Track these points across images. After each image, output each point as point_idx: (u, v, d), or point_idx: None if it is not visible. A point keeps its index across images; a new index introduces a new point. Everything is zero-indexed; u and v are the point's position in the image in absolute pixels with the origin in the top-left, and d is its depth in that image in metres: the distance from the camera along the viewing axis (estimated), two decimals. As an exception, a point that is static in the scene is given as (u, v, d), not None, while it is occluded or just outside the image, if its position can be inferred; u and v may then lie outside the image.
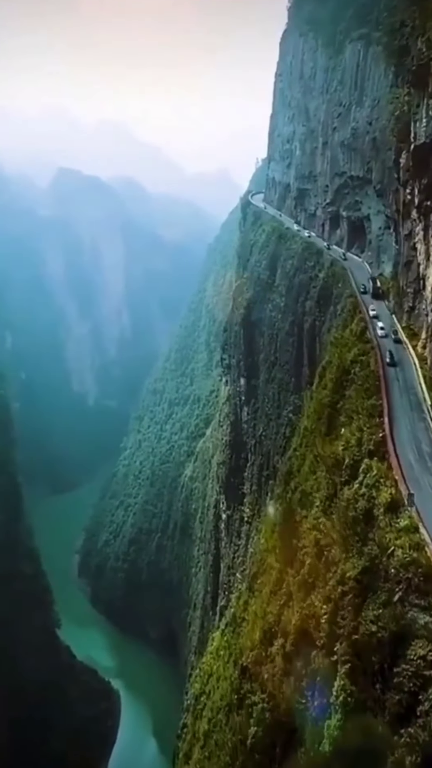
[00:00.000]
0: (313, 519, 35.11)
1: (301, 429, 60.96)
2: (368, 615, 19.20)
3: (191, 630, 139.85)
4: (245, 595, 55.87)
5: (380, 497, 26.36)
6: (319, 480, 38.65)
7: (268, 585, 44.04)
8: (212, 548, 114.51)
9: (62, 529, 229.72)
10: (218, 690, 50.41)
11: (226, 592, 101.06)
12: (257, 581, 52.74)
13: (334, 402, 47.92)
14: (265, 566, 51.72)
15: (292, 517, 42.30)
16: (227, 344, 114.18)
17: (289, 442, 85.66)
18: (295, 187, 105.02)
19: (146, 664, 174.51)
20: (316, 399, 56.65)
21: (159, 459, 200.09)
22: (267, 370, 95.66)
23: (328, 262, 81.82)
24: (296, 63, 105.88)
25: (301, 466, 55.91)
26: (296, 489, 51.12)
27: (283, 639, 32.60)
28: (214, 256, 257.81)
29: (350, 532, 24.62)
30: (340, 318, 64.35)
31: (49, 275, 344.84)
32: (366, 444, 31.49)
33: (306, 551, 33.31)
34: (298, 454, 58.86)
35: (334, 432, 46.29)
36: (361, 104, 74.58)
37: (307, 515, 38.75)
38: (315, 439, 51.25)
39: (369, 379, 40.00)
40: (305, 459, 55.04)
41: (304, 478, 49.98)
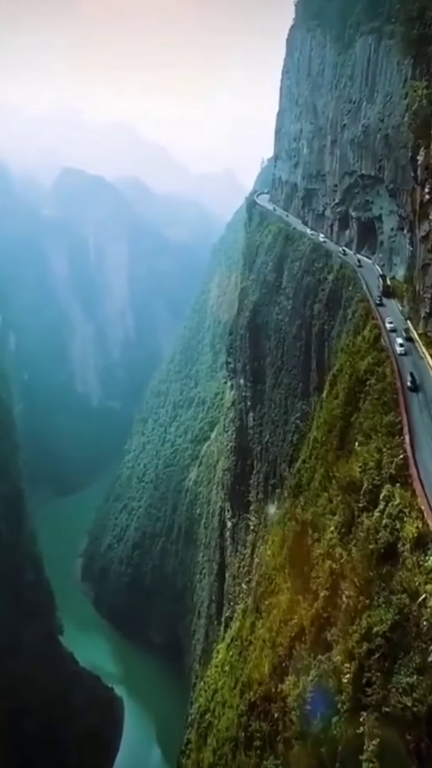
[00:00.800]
0: (327, 545, 32.46)
1: (311, 440, 58.28)
2: (400, 682, 16.65)
3: (195, 638, 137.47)
4: (252, 615, 53.25)
5: (405, 531, 23.72)
6: (333, 501, 35.99)
7: (277, 610, 41.43)
8: (217, 556, 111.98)
9: (65, 532, 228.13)
10: (224, 717, 47.85)
11: (231, 602, 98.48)
12: (265, 601, 50.12)
13: (346, 414, 45.27)
14: (274, 586, 49.11)
15: (303, 539, 39.62)
16: (232, 347, 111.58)
17: (297, 450, 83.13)
18: (303, 187, 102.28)
19: (150, 670, 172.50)
20: (327, 409, 53.98)
21: (163, 462, 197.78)
22: (273, 374, 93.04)
23: (337, 264, 79.11)
24: (304, 59, 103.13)
25: (310, 480, 53.27)
26: (306, 506, 48.47)
27: (295, 677, 30.01)
28: (219, 257, 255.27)
29: (374, 573, 21.99)
30: (350, 323, 61.64)
31: (52, 275, 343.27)
32: (386, 467, 28.86)
33: (319, 582, 30.69)
34: (307, 466, 56.21)
35: (348, 446, 43.65)
36: (372, 100, 71.80)
37: (319, 538, 36.09)
38: (327, 453, 48.60)
39: (386, 392, 37.31)
40: (315, 472, 52.40)
41: (314, 495, 47.32)
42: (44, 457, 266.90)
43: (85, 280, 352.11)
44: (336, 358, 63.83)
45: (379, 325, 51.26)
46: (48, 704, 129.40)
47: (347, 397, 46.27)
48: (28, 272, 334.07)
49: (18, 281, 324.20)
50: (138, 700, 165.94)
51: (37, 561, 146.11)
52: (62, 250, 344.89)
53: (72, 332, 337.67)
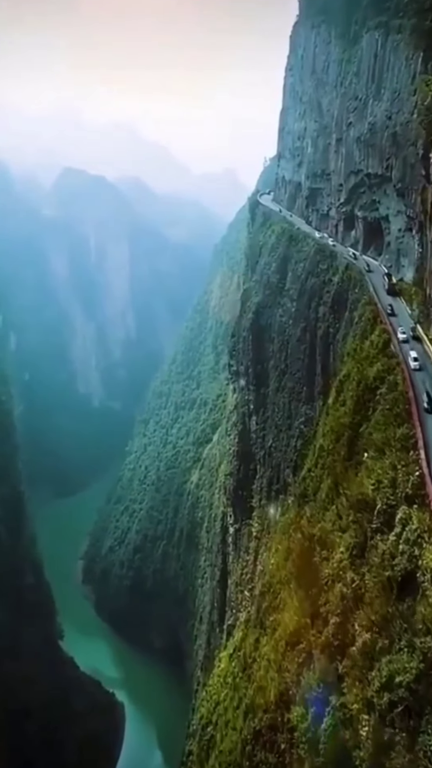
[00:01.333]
0: (337, 566, 30.58)
1: (316, 448, 56.41)
2: (429, 744, 14.80)
3: (197, 643, 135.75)
4: (256, 630, 51.37)
5: (425, 559, 21.86)
6: (343, 518, 34.08)
7: (282, 629, 39.56)
8: (219, 562, 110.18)
9: (67, 533, 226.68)
10: (227, 738, 46.04)
11: (234, 609, 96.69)
12: (269, 617, 48.28)
13: (355, 423, 43.42)
14: (279, 602, 47.24)
15: (310, 556, 37.75)
16: (235, 350, 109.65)
17: (301, 457, 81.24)
18: (307, 186, 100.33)
19: (151, 674, 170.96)
20: (334, 416, 52.14)
21: (165, 464, 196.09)
22: (277, 378, 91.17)
23: (342, 266, 77.20)
24: (308, 56, 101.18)
25: (317, 490, 51.45)
26: (312, 518, 46.59)
27: (303, 709, 28.17)
28: (221, 257, 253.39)
29: (392, 609, 20.14)
30: (358, 327, 59.74)
31: (53, 276, 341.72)
32: (402, 485, 26.98)
33: (329, 607, 28.82)
34: (313, 475, 54.38)
35: (356, 457, 41.80)
36: (379, 97, 69.91)
37: (328, 557, 34.20)
38: (334, 463, 46.74)
39: (398, 402, 35.41)
40: (322, 482, 50.58)
41: (321, 507, 45.46)
42: (45, 458, 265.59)
43: (86, 280, 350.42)
44: (342, 363, 61.96)
45: (389, 330, 49.35)
46: (48, 709, 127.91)
47: (356, 406, 44.40)
48: (29, 272, 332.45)
49: (18, 281, 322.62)
50: (139, 704, 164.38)
51: (37, 564, 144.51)
52: (63, 250, 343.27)
53: (73, 332, 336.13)
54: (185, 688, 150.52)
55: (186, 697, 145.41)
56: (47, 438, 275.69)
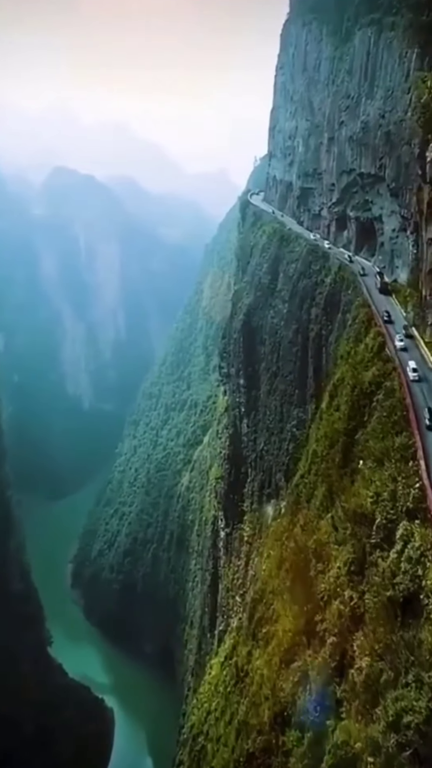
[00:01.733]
0: (334, 582, 29.17)
1: (309, 453, 55.08)
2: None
3: (188, 648, 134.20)
4: (248, 642, 49.93)
5: (429, 579, 20.51)
6: (339, 530, 32.68)
7: (276, 644, 38.15)
8: (210, 566, 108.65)
9: (56, 537, 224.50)
10: (219, 755, 44.56)
11: (225, 615, 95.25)
12: (262, 628, 46.86)
13: (350, 429, 42.11)
14: (272, 613, 45.85)
15: (305, 568, 36.34)
16: (226, 352, 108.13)
17: (294, 460, 79.90)
18: (298, 186, 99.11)
19: (141, 679, 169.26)
20: (327, 421, 50.80)
21: (155, 466, 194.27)
22: (269, 380, 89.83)
23: (335, 267, 75.97)
24: (299, 54, 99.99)
25: (310, 497, 50.13)
26: (306, 527, 45.22)
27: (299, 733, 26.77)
28: (212, 257, 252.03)
29: (396, 638, 18.76)
30: (351, 329, 58.45)
31: (43, 276, 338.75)
32: (402, 499, 25.62)
33: (326, 625, 27.41)
34: (306, 481, 53.05)
35: (352, 465, 40.49)
36: (372, 96, 68.77)
37: (324, 570, 32.81)
38: (329, 470, 45.40)
39: (396, 410, 34.07)
40: (316, 489, 49.25)
41: (315, 515, 44.09)
42: (35, 461, 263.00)
43: (76, 281, 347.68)
44: (336, 367, 60.69)
45: (383, 333, 48.10)
46: (36, 717, 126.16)
47: (351, 411, 43.09)
48: (18, 272, 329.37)
49: (7, 281, 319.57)
50: (129, 710, 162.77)
51: (25, 570, 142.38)
52: (52, 250, 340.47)
53: (63, 333, 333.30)
54: (175, 693, 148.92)
55: (176, 702, 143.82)
56: (37, 440, 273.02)
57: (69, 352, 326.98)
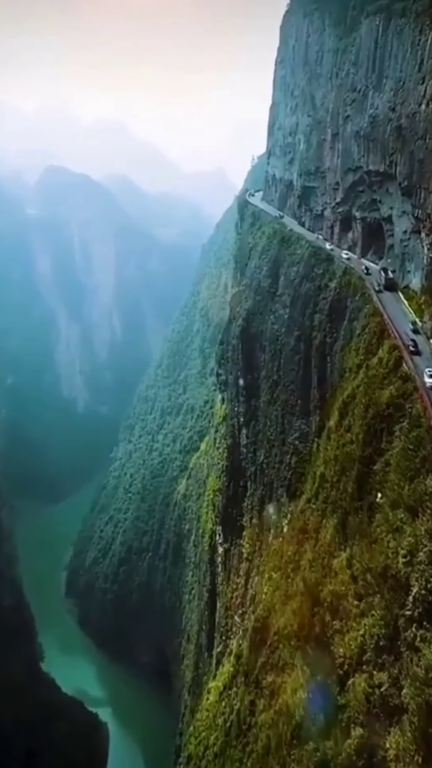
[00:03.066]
0: (357, 652, 24.60)
1: (317, 475, 50.54)
2: None
3: (185, 663, 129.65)
4: (251, 689, 45.33)
5: None
6: (359, 582, 28.08)
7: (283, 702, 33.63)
8: (207, 582, 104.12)
9: (50, 543, 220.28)
10: None
11: (224, 636, 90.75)
12: (266, 676, 42.28)
13: (365, 457, 37.60)
14: (278, 659, 41.29)
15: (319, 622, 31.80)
16: (224, 358, 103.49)
17: (296, 476, 75.55)
18: (299, 185, 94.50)
19: (136, 691, 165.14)
20: (337, 442, 46.27)
21: (150, 472, 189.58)
22: (269, 389, 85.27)
23: (340, 270, 71.47)
24: (300, 47, 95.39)
25: (318, 526, 45.58)
26: (315, 563, 40.69)
27: None
28: (209, 258, 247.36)
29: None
30: (361, 340, 53.94)
31: (37, 276, 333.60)
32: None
33: (350, 712, 22.83)
34: (313, 508, 48.51)
35: (368, 497, 35.99)
36: (380, 88, 64.24)
37: (342, 630, 28.24)
38: (340, 499, 40.89)
39: (423, 443, 29.51)
40: (325, 518, 44.71)
41: (326, 552, 39.56)
42: (29, 464, 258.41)
43: (71, 281, 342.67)
44: (344, 379, 56.21)
45: (399, 345, 43.56)
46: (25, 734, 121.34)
47: (366, 436, 38.56)
48: (12, 272, 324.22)
49: (1, 281, 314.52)
50: (124, 723, 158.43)
51: (16, 583, 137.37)
52: (47, 250, 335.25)
53: (57, 334, 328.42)
54: (172, 706, 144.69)
55: (173, 716, 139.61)
56: (31, 444, 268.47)
57: (64, 354, 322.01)
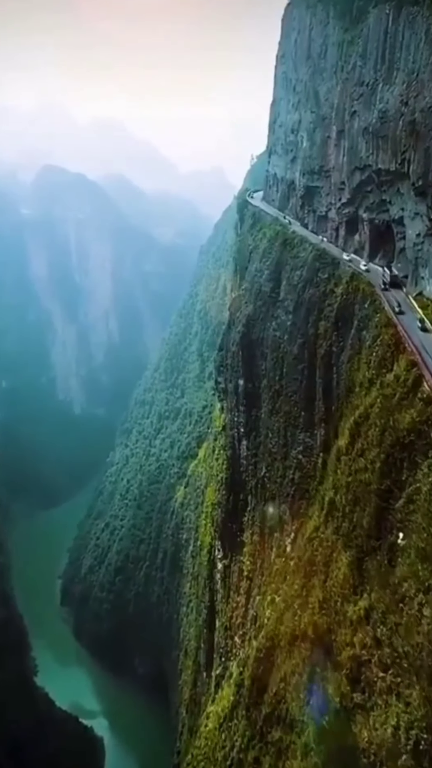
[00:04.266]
0: (387, 743, 20.47)
1: (325, 500, 46.43)
2: None
3: (183, 678, 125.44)
4: (255, 745, 41.18)
5: None
6: (383, 646, 23.95)
7: None
8: (206, 599, 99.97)
9: (45, 549, 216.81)
10: None
11: (223, 657, 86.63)
12: (271, 730, 38.14)
13: (384, 491, 33.51)
14: (285, 712, 37.15)
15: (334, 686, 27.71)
16: (223, 365, 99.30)
17: (300, 493, 71.47)
18: (302, 185, 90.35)
19: (133, 704, 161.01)
20: (349, 467, 42.15)
21: (147, 478, 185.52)
22: (271, 399, 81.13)
23: (347, 275, 67.35)
24: (302, 40, 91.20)
25: (328, 560, 41.43)
26: (328, 608, 36.53)
27: None
28: (207, 259, 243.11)
29: None
30: (373, 352, 49.84)
31: (32, 276, 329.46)
32: None
33: None
34: (322, 537, 44.36)
35: (388, 538, 31.87)
36: (390, 81, 60.11)
37: (364, 706, 24.14)
38: (355, 535, 36.73)
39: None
40: (335, 551, 40.56)
41: (338, 595, 35.42)
42: (24, 468, 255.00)
43: (67, 281, 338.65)
44: (353, 395, 52.10)
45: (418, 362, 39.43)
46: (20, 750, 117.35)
47: (384, 465, 34.45)
48: (6, 272, 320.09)
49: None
50: (120, 737, 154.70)
51: (7, 596, 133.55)
52: (42, 250, 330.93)
53: (53, 336, 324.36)
54: (169, 720, 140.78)
55: (170, 729, 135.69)
56: (26, 447, 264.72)
57: (59, 356, 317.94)
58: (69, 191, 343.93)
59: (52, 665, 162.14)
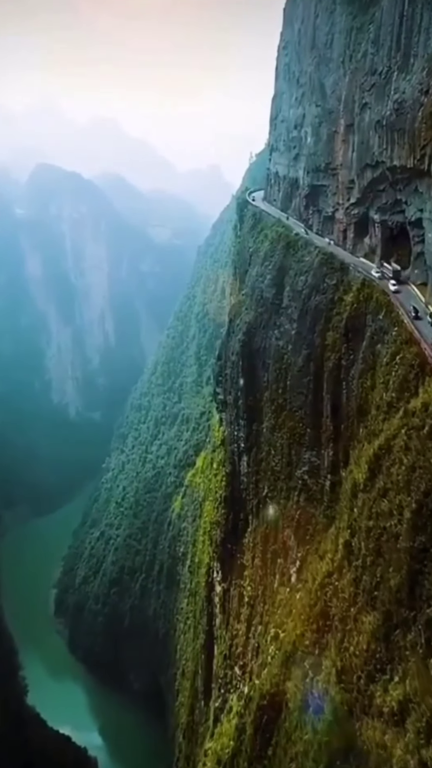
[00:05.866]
0: None
1: (340, 542, 40.82)
2: None
3: (180, 700, 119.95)
4: None
5: None
6: None
7: None
8: (204, 622, 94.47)
9: (40, 556, 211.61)
10: None
11: (222, 689, 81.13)
12: None
13: (418, 551, 27.92)
14: None
15: None
16: (222, 376, 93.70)
17: (306, 519, 65.98)
18: (306, 183, 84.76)
19: (128, 721, 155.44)
20: (369, 508, 36.55)
21: (144, 486, 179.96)
22: (273, 414, 75.59)
23: (358, 282, 61.81)
24: (307, 30, 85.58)
25: (345, 616, 35.84)
26: (347, 681, 31.00)
27: None
28: (205, 260, 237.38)
29: None
30: (392, 372, 44.30)
31: (27, 277, 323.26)
32: None
33: None
34: (337, 586, 38.75)
35: (425, 612, 26.31)
36: (407, 69, 54.61)
37: None
38: (378, 592, 31.16)
39: None
40: (353, 606, 35.02)
41: (361, 668, 29.89)
42: (18, 474, 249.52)
43: (62, 282, 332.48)
44: (371, 420, 46.54)
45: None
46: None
47: (416, 517, 28.92)
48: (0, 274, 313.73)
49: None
50: (114, 756, 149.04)
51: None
52: (37, 250, 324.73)
53: (48, 338, 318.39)
54: (165, 741, 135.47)
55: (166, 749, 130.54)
56: (20, 452, 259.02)
57: (54, 359, 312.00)
58: (64, 190, 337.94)
59: (45, 680, 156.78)
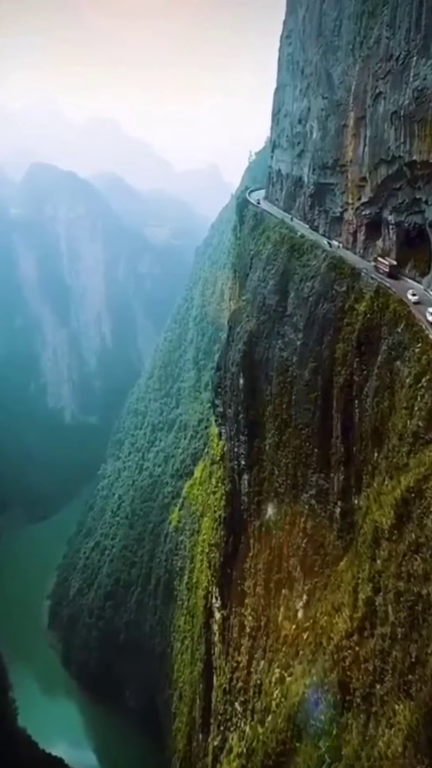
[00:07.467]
0: None
1: (359, 592, 35.13)
2: None
3: (176, 725, 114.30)
4: None
5: None
6: None
7: None
8: (202, 650, 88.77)
9: (34, 564, 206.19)
10: None
11: (221, 726, 75.38)
12: None
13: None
14: None
15: None
16: (221, 387, 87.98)
17: (312, 543, 60.28)
18: (312, 182, 79.12)
19: (123, 740, 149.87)
20: (397, 563, 30.85)
21: (140, 495, 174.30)
22: (277, 431, 69.96)
23: (371, 289, 56.14)
24: (312, 16, 79.93)
25: (368, 694, 30.11)
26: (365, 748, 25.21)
27: None
28: (203, 261, 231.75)
29: None
30: (417, 395, 38.59)
31: (21, 278, 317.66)
32: None
33: None
34: (358, 653, 33.00)
35: None
36: (428, 53, 49.02)
37: None
38: (412, 679, 25.45)
39: None
40: (378, 685, 29.33)
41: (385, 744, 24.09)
42: (12, 479, 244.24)
43: (58, 283, 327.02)
44: (391, 448, 40.84)
45: None
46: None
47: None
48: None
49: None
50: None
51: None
52: (32, 251, 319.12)
53: (43, 340, 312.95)
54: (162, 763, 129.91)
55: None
56: (14, 458, 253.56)
57: (49, 361, 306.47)
58: (59, 190, 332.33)
59: (38, 697, 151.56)
